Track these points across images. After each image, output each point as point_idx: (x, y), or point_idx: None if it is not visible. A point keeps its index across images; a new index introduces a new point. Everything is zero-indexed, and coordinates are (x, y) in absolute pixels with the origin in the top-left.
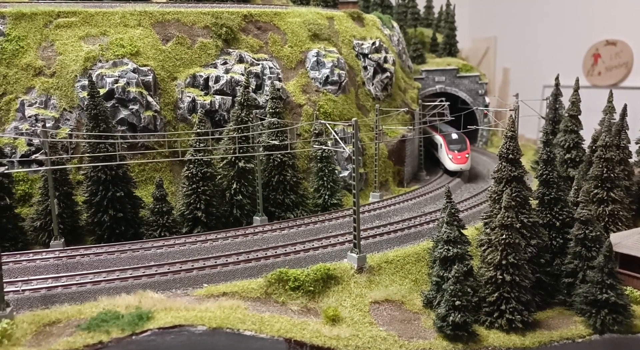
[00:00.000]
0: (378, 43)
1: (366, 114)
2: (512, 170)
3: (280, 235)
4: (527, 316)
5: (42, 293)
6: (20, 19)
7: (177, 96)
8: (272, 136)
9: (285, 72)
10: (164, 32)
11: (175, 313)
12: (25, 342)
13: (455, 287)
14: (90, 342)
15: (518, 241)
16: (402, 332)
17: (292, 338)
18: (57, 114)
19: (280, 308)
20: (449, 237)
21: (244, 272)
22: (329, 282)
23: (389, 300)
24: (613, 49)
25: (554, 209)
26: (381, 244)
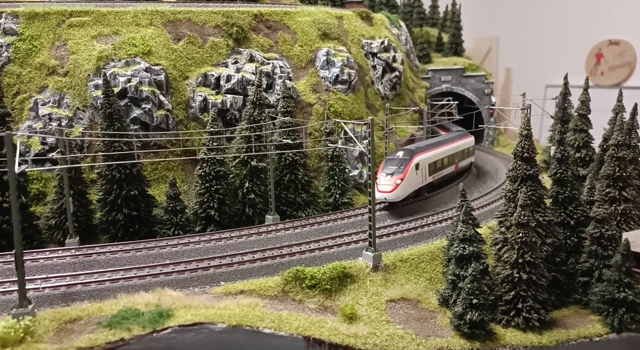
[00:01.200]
0: (387, 42)
1: (375, 113)
2: (527, 169)
3: (294, 234)
4: (543, 315)
5: (62, 291)
6: (33, 19)
7: (189, 95)
8: (283, 135)
9: (296, 71)
10: (175, 31)
11: (195, 311)
12: (47, 339)
13: (472, 286)
14: (111, 339)
15: (534, 240)
16: (419, 330)
17: (310, 336)
18: (71, 113)
19: (297, 306)
20: (465, 236)
21: (261, 270)
22: (345, 281)
23: (404, 299)
24: (616, 49)
25: (568, 208)
26: (395, 243)
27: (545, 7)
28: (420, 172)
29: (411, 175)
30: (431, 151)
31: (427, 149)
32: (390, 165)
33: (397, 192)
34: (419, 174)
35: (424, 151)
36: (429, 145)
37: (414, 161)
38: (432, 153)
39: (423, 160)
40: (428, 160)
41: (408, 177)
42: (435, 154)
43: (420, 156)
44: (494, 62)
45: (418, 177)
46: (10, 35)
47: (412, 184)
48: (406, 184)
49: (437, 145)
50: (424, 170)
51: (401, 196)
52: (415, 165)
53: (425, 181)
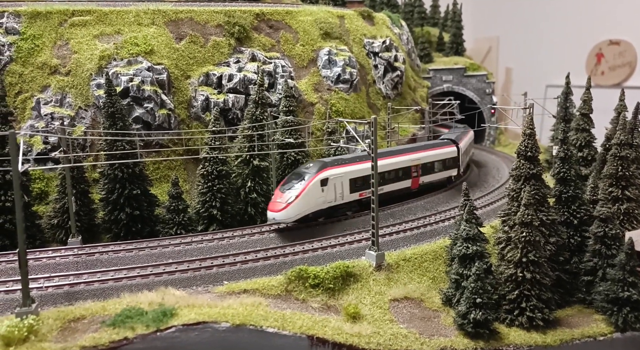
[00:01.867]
0: (388, 42)
1: (377, 113)
2: (531, 168)
3: (296, 233)
4: (547, 314)
5: (65, 289)
6: (35, 18)
7: (191, 94)
8: (285, 134)
9: (297, 70)
10: (177, 30)
11: (199, 310)
12: (51, 337)
13: (476, 285)
14: (115, 338)
15: (538, 239)
16: (423, 329)
17: (314, 335)
18: (73, 112)
19: (300, 305)
20: (468, 235)
21: (264, 270)
22: (348, 280)
23: (408, 298)
24: (616, 49)
25: (571, 207)
26: (398, 242)
27: (545, 7)
28: (331, 188)
29: (311, 193)
30: (357, 164)
31: (352, 162)
32: (292, 178)
33: (288, 212)
34: (327, 191)
35: (345, 164)
36: (363, 156)
37: (318, 176)
38: (358, 167)
39: (338, 174)
40: (349, 175)
41: (305, 195)
42: (364, 168)
43: (332, 170)
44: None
45: (326, 195)
46: (13, 34)
47: (312, 203)
48: (301, 203)
49: (381, 156)
50: (339, 186)
51: (293, 216)
52: (320, 181)
53: (342, 199)
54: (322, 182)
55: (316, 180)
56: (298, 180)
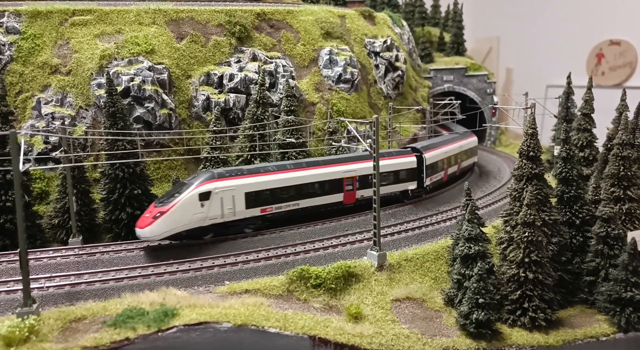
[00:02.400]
0: (389, 41)
1: (378, 113)
2: (533, 168)
3: (297, 233)
4: (550, 314)
5: (66, 290)
6: (36, 17)
7: (192, 94)
8: (287, 134)
9: (298, 70)
10: (178, 30)
11: (200, 310)
12: (52, 338)
13: (478, 285)
14: (116, 339)
15: (540, 239)
16: (425, 329)
17: (316, 335)
18: (74, 112)
19: (302, 305)
20: (470, 235)
21: (265, 270)
22: (349, 280)
23: (410, 298)
24: (617, 49)
25: (573, 207)
26: (399, 242)
27: (545, 7)
28: (216, 203)
29: (184, 208)
30: (259, 176)
31: (254, 173)
32: (172, 191)
33: (153, 229)
34: (210, 206)
35: (243, 175)
36: (280, 166)
37: (196, 189)
38: (260, 179)
39: (227, 187)
40: (244, 187)
41: (176, 211)
42: (268, 180)
43: (220, 183)
44: (495, 62)
45: (207, 210)
46: (13, 33)
47: (186, 220)
48: (171, 219)
49: (300, 167)
50: (228, 201)
51: (159, 234)
52: (198, 195)
53: (234, 216)
54: (201, 196)
55: (193, 194)
56: (176, 193)
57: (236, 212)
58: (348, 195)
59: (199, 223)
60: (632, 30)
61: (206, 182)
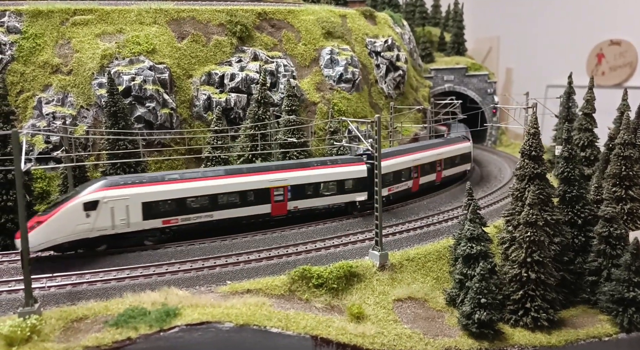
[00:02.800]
0: (390, 41)
1: (379, 112)
2: (535, 168)
3: (299, 233)
4: (552, 314)
5: (68, 289)
6: (37, 17)
7: (193, 94)
8: (288, 134)
9: (299, 70)
10: (179, 29)
11: (202, 310)
12: (54, 337)
13: (480, 285)
14: (118, 338)
15: (543, 239)
16: (427, 330)
17: (318, 335)
18: (75, 112)
19: (304, 305)
20: (472, 235)
21: (267, 269)
22: (351, 280)
23: (412, 298)
24: (617, 49)
25: (575, 207)
26: (401, 242)
27: (546, 7)
28: (106, 213)
29: (66, 218)
30: (161, 185)
31: (157, 181)
32: (60, 199)
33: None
34: (97, 216)
35: (143, 184)
36: (190, 174)
37: (81, 198)
38: (162, 188)
39: (121, 196)
40: (141, 197)
41: (55, 221)
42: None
43: (112, 191)
44: (495, 62)
45: (94, 221)
46: (14, 33)
47: (68, 231)
48: (49, 229)
49: (208, 176)
50: (121, 211)
51: (34, 245)
52: (83, 204)
53: (128, 227)
54: (86, 206)
55: (76, 203)
56: (62, 201)
57: (130, 224)
58: (277, 207)
59: (85, 234)
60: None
61: (95, 191)
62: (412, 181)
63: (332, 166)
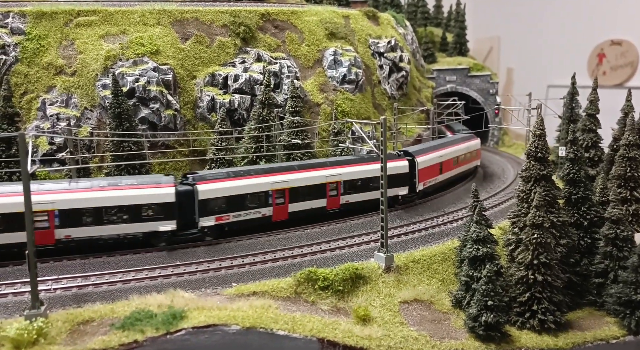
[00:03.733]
0: (393, 42)
1: (382, 113)
2: (541, 169)
3: (303, 235)
4: (559, 317)
5: (74, 291)
6: (40, 18)
7: (197, 95)
8: (292, 135)
9: (303, 70)
10: (182, 30)
11: (208, 312)
12: (60, 340)
13: (487, 287)
14: (125, 341)
15: (549, 241)
16: (433, 332)
17: (324, 338)
18: (79, 113)
19: (310, 307)
20: (479, 237)
21: (272, 272)
22: (357, 282)
23: (417, 300)
24: (618, 49)
25: (581, 209)
26: (406, 244)
27: (546, 7)
28: None
29: None
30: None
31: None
32: None
33: None
34: None
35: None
36: None
37: None
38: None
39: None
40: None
41: None
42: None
43: None
44: (495, 62)
45: None
46: (18, 34)
47: None
48: None
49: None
50: None
51: None
52: None
53: None
54: None
55: None
56: None
57: None
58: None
59: None
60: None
61: None
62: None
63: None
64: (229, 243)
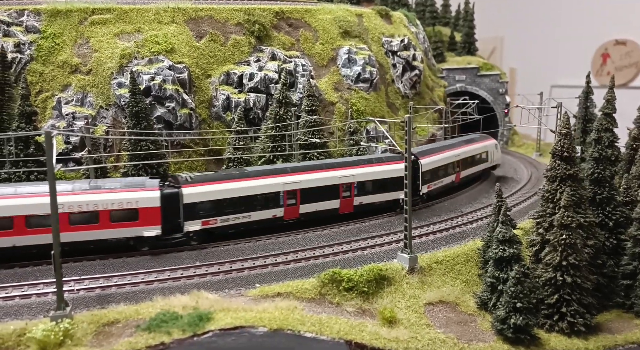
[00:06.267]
0: (406, 40)
1: (395, 112)
2: (567, 169)
3: (322, 235)
4: (589, 319)
5: (97, 292)
6: (55, 16)
7: (212, 94)
8: (308, 134)
9: (317, 69)
10: (197, 28)
11: (234, 314)
12: (86, 342)
13: (515, 289)
14: (152, 343)
15: (578, 241)
16: (460, 334)
17: (352, 340)
18: (94, 112)
19: (335, 309)
20: (505, 237)
21: (295, 272)
22: (381, 283)
23: (442, 302)
24: (623, 49)
25: (606, 209)
26: (427, 244)
27: (550, 6)
28: None
29: None
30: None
31: None
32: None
33: None
34: None
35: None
36: None
37: None
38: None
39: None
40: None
41: None
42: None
43: None
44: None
45: None
46: (33, 33)
47: None
48: None
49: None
50: None
51: None
52: None
53: None
54: None
55: None
56: None
57: None
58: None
59: None
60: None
61: None
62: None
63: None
64: (248, 243)
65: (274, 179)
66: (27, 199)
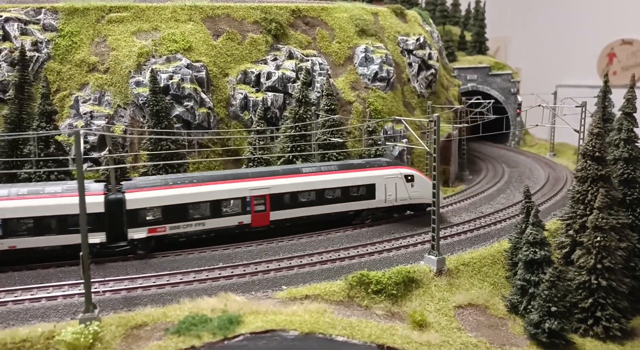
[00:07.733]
0: (422, 39)
1: (412, 112)
2: (599, 169)
3: (344, 236)
4: (624, 324)
5: (123, 295)
6: (72, 14)
7: (230, 93)
8: (327, 134)
9: (334, 68)
10: (214, 27)
11: (264, 317)
12: (115, 345)
13: (550, 292)
14: (182, 347)
15: (613, 244)
16: (492, 338)
17: (384, 344)
18: (112, 111)
19: (364, 312)
20: (535, 239)
21: (321, 274)
22: (409, 286)
23: (472, 305)
24: (629, 49)
25: (636, 210)
26: (453, 246)
27: (555, 6)
28: None
29: None
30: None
31: None
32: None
33: None
34: None
35: None
36: None
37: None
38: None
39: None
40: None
41: None
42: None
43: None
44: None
45: None
46: (50, 31)
47: None
48: None
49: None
50: None
51: None
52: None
53: None
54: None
55: None
56: None
57: None
58: None
59: None
60: None
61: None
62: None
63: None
64: (270, 244)
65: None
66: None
